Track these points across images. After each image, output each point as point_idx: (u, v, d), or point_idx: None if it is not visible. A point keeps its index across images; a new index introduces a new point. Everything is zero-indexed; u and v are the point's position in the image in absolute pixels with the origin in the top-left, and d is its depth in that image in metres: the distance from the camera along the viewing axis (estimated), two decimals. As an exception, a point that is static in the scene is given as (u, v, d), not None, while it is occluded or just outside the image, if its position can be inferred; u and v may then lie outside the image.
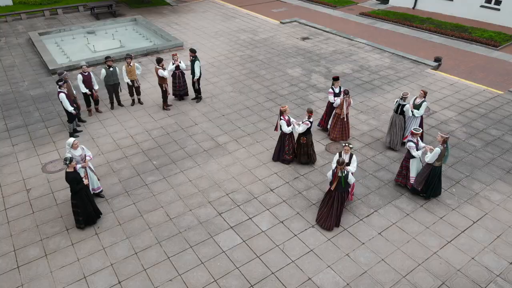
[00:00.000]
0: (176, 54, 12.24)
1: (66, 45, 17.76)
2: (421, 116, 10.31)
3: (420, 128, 8.78)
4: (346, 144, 8.28)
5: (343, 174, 7.66)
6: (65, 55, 16.68)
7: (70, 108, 10.54)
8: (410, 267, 7.38)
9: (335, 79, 10.77)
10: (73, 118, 10.96)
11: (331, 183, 7.88)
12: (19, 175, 9.75)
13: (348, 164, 8.30)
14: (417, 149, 8.66)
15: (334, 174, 7.77)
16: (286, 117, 9.57)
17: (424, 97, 10.07)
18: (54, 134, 11.33)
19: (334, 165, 8.09)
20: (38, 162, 10.18)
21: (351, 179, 7.90)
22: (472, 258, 7.55)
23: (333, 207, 7.99)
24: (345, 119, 10.58)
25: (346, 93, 10.26)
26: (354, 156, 8.38)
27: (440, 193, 9.00)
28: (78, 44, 17.91)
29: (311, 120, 9.42)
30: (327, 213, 8.08)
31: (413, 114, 10.05)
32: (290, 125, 9.61)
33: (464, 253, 7.66)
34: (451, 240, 7.94)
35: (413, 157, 8.77)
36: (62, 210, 8.64)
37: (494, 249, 7.75)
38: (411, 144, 8.61)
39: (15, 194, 9.12)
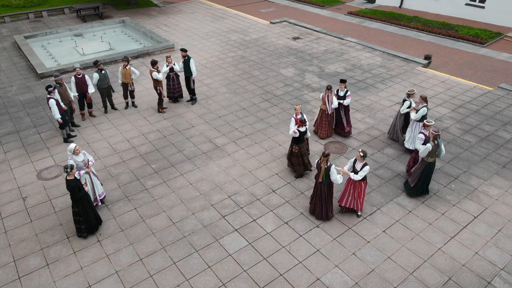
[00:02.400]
0: (170, 56, 12.09)
1: (53, 48, 17.38)
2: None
3: (432, 121, 8.71)
4: (359, 151, 7.77)
5: (325, 166, 7.69)
6: (53, 59, 16.32)
7: (57, 116, 10.23)
8: (417, 263, 7.44)
9: (341, 81, 10.58)
10: (64, 125, 10.67)
11: (316, 176, 8.02)
12: (13, 183, 9.47)
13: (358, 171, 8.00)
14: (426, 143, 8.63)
15: (318, 164, 7.87)
16: (298, 116, 9.26)
17: (425, 102, 9.67)
18: (47, 140, 11.05)
19: (347, 166, 8.09)
20: (32, 169, 9.91)
21: (337, 179, 7.73)
22: (476, 253, 7.67)
23: (321, 199, 8.08)
24: (329, 113, 10.63)
25: (329, 88, 10.30)
26: (366, 167, 7.84)
27: (427, 193, 9.07)
28: (66, 47, 17.55)
29: (300, 129, 9.06)
30: (319, 205, 8.21)
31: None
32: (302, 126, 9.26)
33: (468, 248, 7.77)
34: (454, 236, 8.05)
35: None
36: (61, 218, 8.43)
37: (496, 243, 7.89)
38: (421, 135, 8.68)
39: (11, 203, 8.85)
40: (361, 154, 7.73)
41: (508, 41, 18.71)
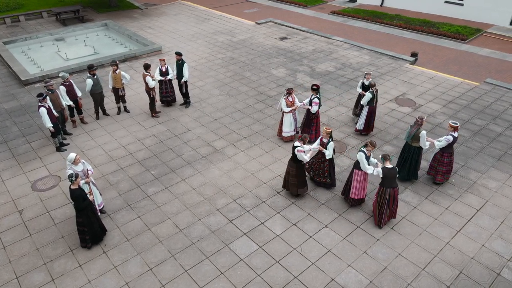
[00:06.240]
0: (163, 60, 11.84)
1: (35, 54, 16.75)
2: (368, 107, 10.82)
3: (457, 122, 8.80)
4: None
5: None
6: (35, 65, 15.72)
7: (49, 125, 9.88)
8: (427, 259, 7.53)
9: (312, 89, 10.44)
10: (56, 133, 10.30)
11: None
12: (7, 195, 9.05)
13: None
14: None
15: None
16: (324, 140, 8.86)
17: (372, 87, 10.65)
18: (38, 149, 10.63)
19: (371, 167, 8.14)
20: (26, 181, 9.50)
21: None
22: (483, 245, 7.82)
23: (387, 204, 7.94)
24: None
25: (289, 91, 10.39)
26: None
27: (415, 178, 9.52)
28: (48, 52, 16.95)
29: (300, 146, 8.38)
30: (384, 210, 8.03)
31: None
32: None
33: (474, 241, 7.92)
34: (460, 230, 8.19)
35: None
36: (62, 230, 8.11)
37: (500, 234, 8.07)
38: (450, 137, 8.79)
39: (6, 217, 8.45)
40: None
41: (487, 37, 19.27)
